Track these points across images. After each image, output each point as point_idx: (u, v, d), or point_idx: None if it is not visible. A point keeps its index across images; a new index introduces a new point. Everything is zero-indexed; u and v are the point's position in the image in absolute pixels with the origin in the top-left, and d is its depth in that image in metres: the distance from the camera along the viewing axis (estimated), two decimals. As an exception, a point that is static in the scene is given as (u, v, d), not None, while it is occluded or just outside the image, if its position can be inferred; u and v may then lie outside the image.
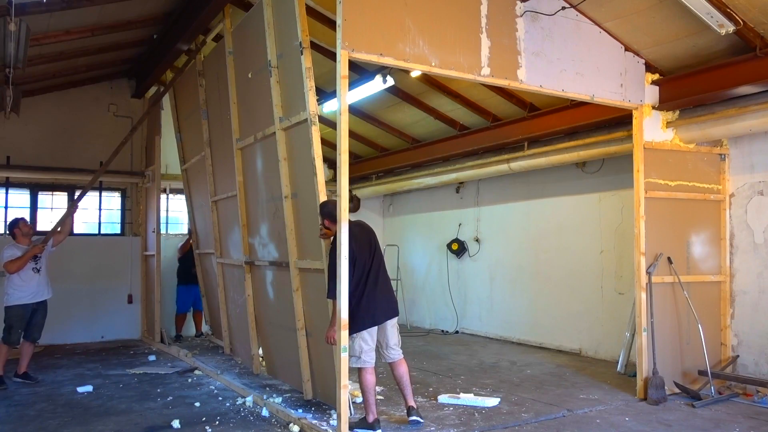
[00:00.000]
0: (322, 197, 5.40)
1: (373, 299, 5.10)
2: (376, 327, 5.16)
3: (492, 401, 6.03)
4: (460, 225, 11.15)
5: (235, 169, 7.60)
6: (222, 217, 8.66)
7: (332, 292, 4.91)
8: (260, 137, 6.82)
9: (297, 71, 5.74)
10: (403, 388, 5.33)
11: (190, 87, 9.33)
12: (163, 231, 10.56)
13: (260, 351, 7.58)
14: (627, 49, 6.49)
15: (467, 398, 6.12)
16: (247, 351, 7.83)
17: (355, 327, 5.00)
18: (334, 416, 5.28)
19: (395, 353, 5.29)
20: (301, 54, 5.52)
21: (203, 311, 10.50)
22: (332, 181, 10.79)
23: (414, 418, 5.26)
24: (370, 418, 5.07)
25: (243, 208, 7.56)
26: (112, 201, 10.82)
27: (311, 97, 5.51)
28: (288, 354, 6.67)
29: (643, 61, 6.62)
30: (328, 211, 5.13)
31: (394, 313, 5.25)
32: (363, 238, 5.19)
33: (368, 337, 5.11)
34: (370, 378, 5.09)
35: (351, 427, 4.98)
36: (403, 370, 5.31)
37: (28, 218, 10.01)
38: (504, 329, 10.15)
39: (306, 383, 6.13)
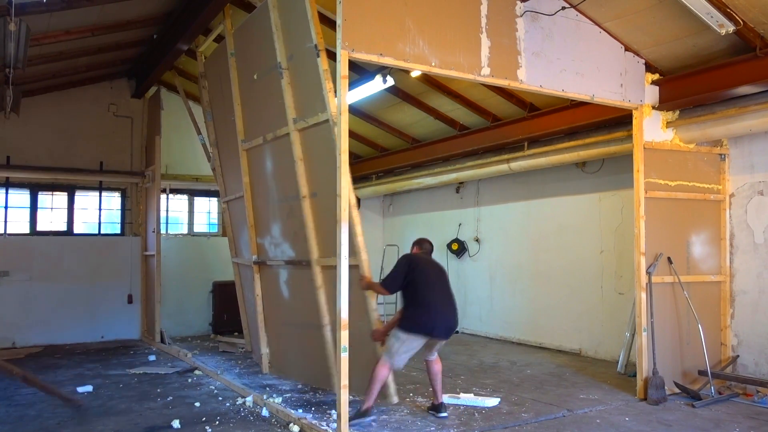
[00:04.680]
0: (351, 196, 5.57)
1: (434, 314, 5.39)
2: (423, 340, 5.41)
3: (492, 401, 6.03)
4: (460, 225, 11.15)
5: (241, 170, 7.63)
6: (233, 217, 8.68)
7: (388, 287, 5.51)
8: (270, 138, 6.84)
9: (311, 72, 5.80)
10: (435, 385, 5.68)
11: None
12: (163, 231, 10.56)
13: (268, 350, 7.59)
14: (627, 49, 6.49)
15: (467, 398, 6.12)
16: (257, 349, 7.85)
17: (404, 325, 5.38)
18: (334, 416, 5.29)
19: (432, 356, 5.70)
20: (318, 56, 5.54)
21: None
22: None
23: (442, 414, 5.59)
24: (364, 406, 5.32)
25: (250, 208, 7.58)
26: (112, 201, 10.82)
27: (331, 99, 5.54)
28: (304, 352, 6.70)
29: (643, 61, 6.62)
30: (417, 242, 5.99)
31: (448, 336, 5.59)
32: (428, 264, 5.74)
33: (412, 344, 5.37)
34: (383, 371, 5.34)
35: (350, 416, 5.16)
36: (437, 368, 5.71)
37: (28, 218, 10.04)
38: (504, 329, 10.15)
39: (333, 377, 6.23)
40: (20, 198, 10.01)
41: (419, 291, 5.44)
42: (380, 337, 5.57)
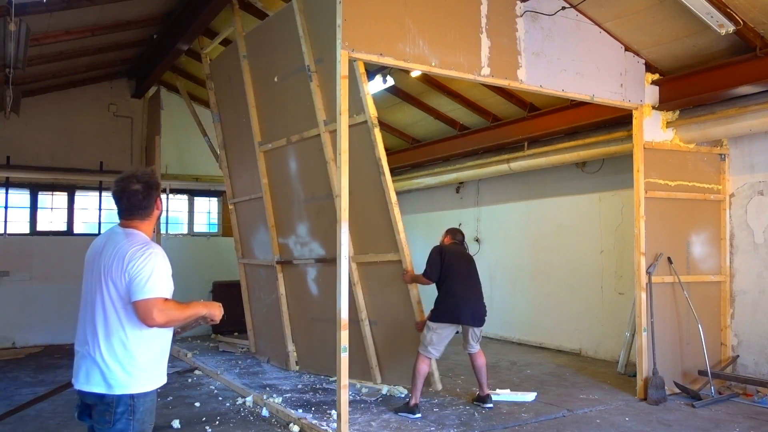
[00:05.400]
0: (392, 194, 5.91)
1: (458, 301, 5.65)
2: (453, 328, 5.70)
3: (530, 395, 6.21)
4: (460, 225, 11.11)
5: (258, 171, 7.62)
6: (243, 218, 8.68)
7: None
8: (296, 140, 6.86)
9: None
10: (480, 378, 5.95)
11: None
12: (163, 231, 10.56)
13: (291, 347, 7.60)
14: (627, 49, 6.48)
15: (505, 393, 6.27)
16: (275, 348, 7.85)
17: (433, 315, 5.67)
18: (334, 416, 5.29)
19: (472, 347, 5.91)
20: (354, 60, 5.54)
21: None
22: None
23: (488, 405, 5.86)
24: (412, 402, 5.55)
25: (270, 209, 7.59)
26: (112, 201, 10.79)
27: (369, 101, 5.56)
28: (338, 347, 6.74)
29: (643, 61, 6.62)
30: (450, 232, 6.28)
31: (478, 323, 5.81)
32: (457, 255, 5.96)
33: (443, 333, 5.62)
34: (423, 366, 5.60)
35: (396, 410, 5.59)
36: (481, 362, 5.94)
37: (28, 218, 10.04)
38: (504, 329, 10.14)
39: (373, 369, 6.41)
40: (20, 198, 10.01)
41: (446, 281, 5.73)
42: (423, 328, 5.80)
